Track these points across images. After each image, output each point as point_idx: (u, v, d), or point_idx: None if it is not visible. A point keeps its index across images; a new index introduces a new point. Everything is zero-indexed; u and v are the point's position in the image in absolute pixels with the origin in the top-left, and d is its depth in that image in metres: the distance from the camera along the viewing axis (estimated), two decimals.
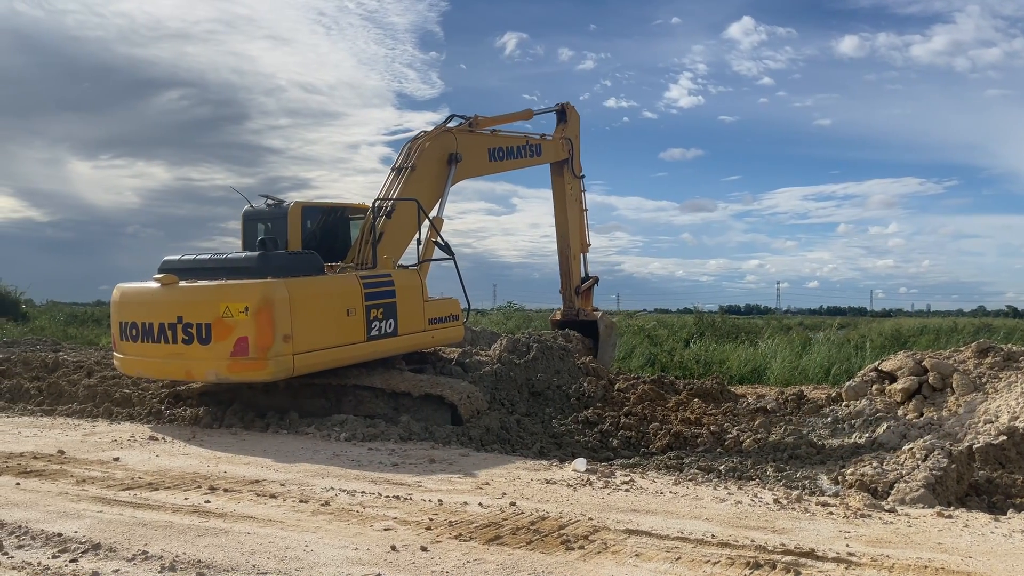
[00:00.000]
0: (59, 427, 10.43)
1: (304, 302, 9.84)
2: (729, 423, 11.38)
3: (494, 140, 14.64)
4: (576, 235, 16.95)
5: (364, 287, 10.60)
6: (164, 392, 12.08)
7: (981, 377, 10.88)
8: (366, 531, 5.74)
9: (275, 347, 9.53)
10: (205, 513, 6.21)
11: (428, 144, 13.11)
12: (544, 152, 15.99)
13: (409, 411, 10.44)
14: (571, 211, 16.83)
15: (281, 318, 9.55)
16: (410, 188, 12.56)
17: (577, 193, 16.99)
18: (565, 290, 16.93)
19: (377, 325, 10.67)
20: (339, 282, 10.59)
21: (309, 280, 10.19)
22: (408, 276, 11.57)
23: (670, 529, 5.80)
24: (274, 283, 9.70)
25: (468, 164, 13.78)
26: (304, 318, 9.79)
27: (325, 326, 10.09)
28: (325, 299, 10.21)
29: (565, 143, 16.50)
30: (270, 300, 9.54)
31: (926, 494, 6.96)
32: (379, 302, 10.74)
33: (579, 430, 10.95)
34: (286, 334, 9.57)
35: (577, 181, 16.92)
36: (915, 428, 9.65)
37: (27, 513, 6.16)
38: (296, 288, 9.81)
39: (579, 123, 17.08)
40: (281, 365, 9.62)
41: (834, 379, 16.97)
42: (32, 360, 14.99)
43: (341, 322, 10.25)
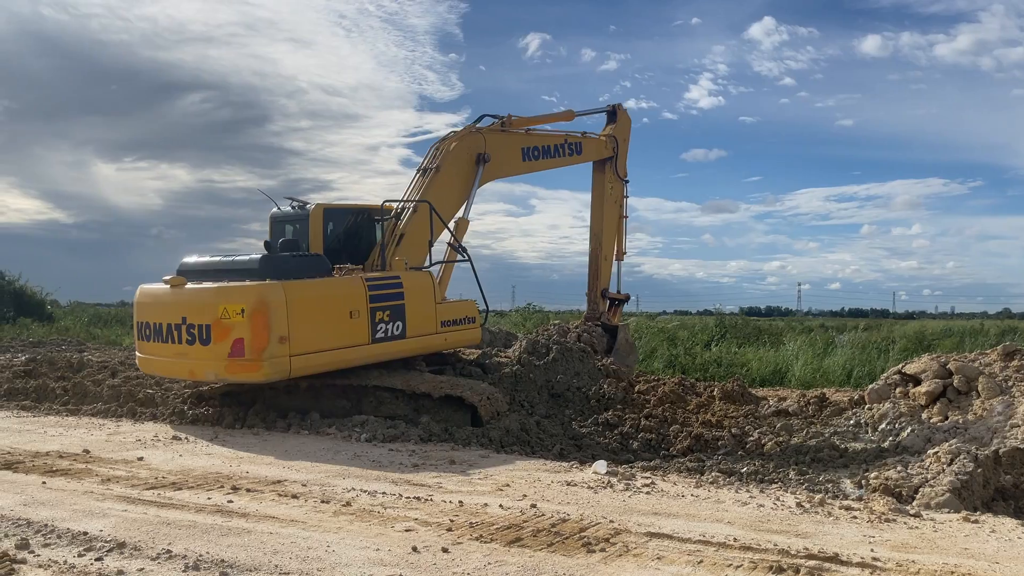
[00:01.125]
0: (84, 427, 10.55)
1: (302, 304, 9.92)
2: (750, 425, 11.30)
3: (528, 139, 14.37)
4: (610, 237, 16.48)
5: (369, 289, 10.61)
6: (187, 392, 12.19)
7: (1007, 380, 10.73)
8: (387, 532, 5.75)
9: (270, 348, 9.64)
10: (228, 513, 6.25)
11: (455, 144, 13.03)
12: (585, 151, 15.63)
13: (429, 412, 10.47)
14: (608, 212, 16.39)
15: (277, 320, 9.66)
16: (434, 189, 12.52)
17: (618, 196, 16.55)
18: (591, 291, 16.50)
19: (383, 327, 10.69)
20: (341, 284, 10.60)
21: (309, 282, 10.23)
22: (419, 278, 11.50)
23: (691, 532, 5.77)
24: (270, 285, 9.84)
25: (499, 164, 13.65)
26: (302, 320, 9.88)
27: (325, 328, 10.17)
28: (325, 301, 10.27)
29: (610, 141, 16.12)
30: (265, 302, 9.67)
31: (952, 499, 6.87)
32: (386, 304, 10.74)
33: (599, 432, 10.92)
34: (282, 336, 9.68)
35: (619, 184, 16.50)
36: (940, 432, 9.53)
37: (53, 512, 6.24)
38: (293, 290, 9.90)
39: (629, 126, 16.73)
40: (276, 367, 9.72)
41: (856, 382, 16.81)
42: (57, 360, 15.19)
43: (343, 324, 10.31)
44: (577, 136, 15.45)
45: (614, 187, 16.40)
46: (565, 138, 15.12)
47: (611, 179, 16.29)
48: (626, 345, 16.08)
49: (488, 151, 13.32)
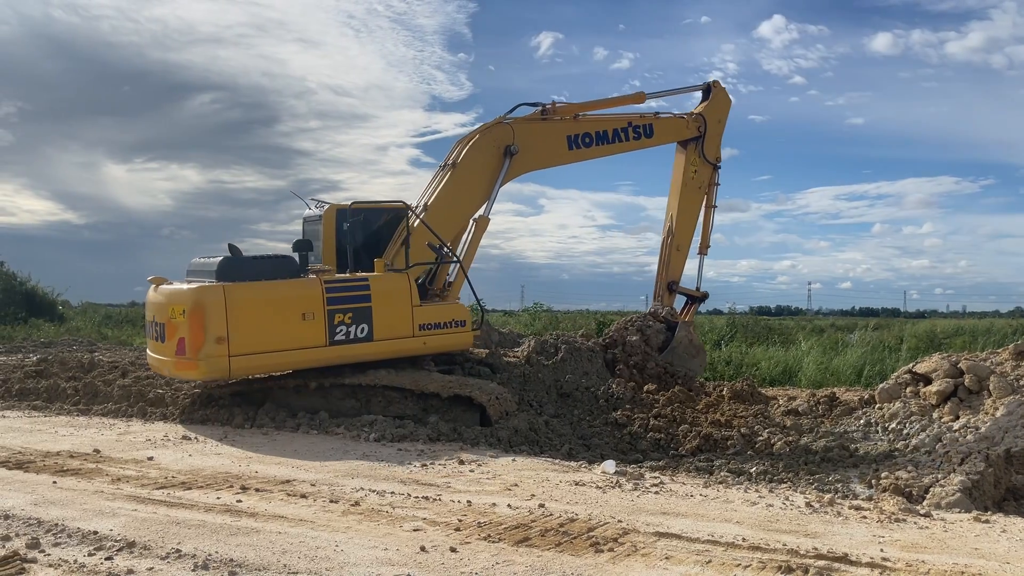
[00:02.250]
0: (95, 426, 10.61)
1: (243, 305, 10.07)
2: (760, 425, 11.27)
3: (576, 126, 13.41)
4: (687, 225, 14.95)
5: (326, 292, 10.62)
6: (197, 392, 12.24)
7: (1019, 379, 10.67)
8: (396, 531, 5.76)
9: (206, 348, 9.88)
10: (237, 512, 6.27)
11: (478, 138, 12.58)
12: (658, 133, 14.34)
13: (438, 412, 10.48)
14: (688, 197, 14.87)
15: (213, 321, 9.89)
16: (450, 187, 12.28)
17: (703, 181, 14.95)
18: (657, 283, 15.04)
19: (344, 330, 10.66)
20: (292, 286, 10.60)
21: (253, 284, 10.33)
22: (391, 280, 11.25)
23: (700, 532, 5.76)
24: (208, 287, 10.12)
25: (536, 155, 13.06)
26: (243, 321, 10.04)
27: (272, 329, 10.27)
28: (272, 303, 10.35)
29: (695, 120, 14.74)
30: (201, 303, 9.98)
31: (962, 499, 6.84)
32: (347, 307, 10.70)
33: (608, 432, 10.91)
34: (219, 336, 9.88)
35: (706, 168, 14.91)
36: (951, 431, 9.49)
37: (64, 511, 6.27)
38: (234, 292, 10.08)
39: (727, 106, 15.29)
40: (213, 366, 9.98)
41: (867, 381, 16.73)
42: (69, 360, 15.27)
43: (295, 326, 10.36)
44: (648, 117, 14.21)
45: (699, 171, 14.82)
46: (629, 121, 13.93)
47: (695, 161, 14.75)
48: (688, 345, 14.44)
49: (518, 142, 12.71)
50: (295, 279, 10.70)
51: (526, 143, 12.84)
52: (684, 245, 15.03)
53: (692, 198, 14.96)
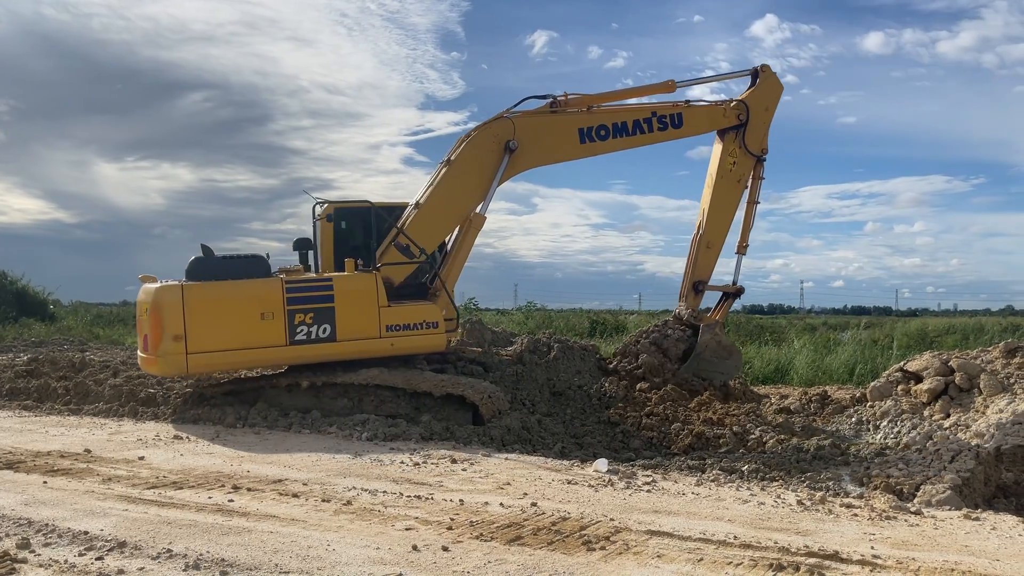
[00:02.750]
0: (86, 426, 10.57)
1: (201, 305, 10.41)
2: (752, 423, 11.29)
3: (589, 118, 12.57)
4: (720, 221, 13.57)
5: (287, 292, 10.75)
6: (188, 391, 12.21)
7: (1009, 378, 10.71)
8: (388, 531, 5.76)
9: (163, 346, 10.29)
10: (228, 512, 6.26)
11: (475, 134, 12.15)
12: (688, 123, 13.14)
13: (430, 411, 10.48)
14: (723, 189, 13.49)
15: (171, 319, 10.26)
16: (445, 185, 11.99)
17: (743, 173, 13.51)
18: (684, 283, 13.75)
19: (304, 329, 10.76)
20: (252, 286, 10.76)
21: (212, 284, 10.65)
22: (356, 280, 11.19)
23: (692, 530, 5.77)
24: (167, 287, 10.51)
25: (541, 150, 12.45)
26: (201, 320, 10.36)
27: (230, 329, 10.52)
28: (230, 303, 10.61)
29: (737, 107, 13.39)
30: (159, 303, 10.37)
31: (953, 496, 6.87)
32: (308, 307, 10.80)
33: (600, 430, 10.92)
34: (176, 334, 10.24)
35: (747, 159, 13.46)
36: (942, 429, 9.52)
37: (54, 511, 6.25)
38: (193, 291, 10.42)
39: (776, 93, 13.81)
40: (171, 363, 10.42)
41: (858, 379, 16.78)
42: (60, 360, 15.21)
43: (253, 325, 10.55)
44: (679, 106, 13.07)
45: (739, 162, 13.44)
46: (653, 111, 12.91)
47: (734, 152, 13.40)
48: (716, 348, 13.31)
49: (521, 138, 12.11)
50: (244, 280, 10.86)
51: (530, 138, 12.28)
52: (715, 242, 13.55)
53: (728, 191, 13.52)
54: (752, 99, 13.56)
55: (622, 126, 12.69)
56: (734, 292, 14.06)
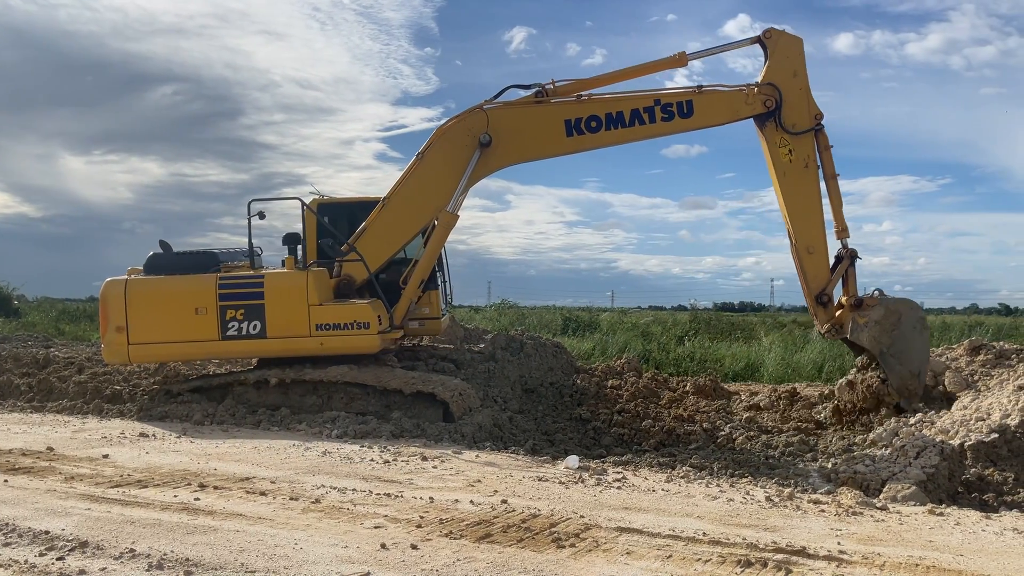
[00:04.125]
0: (49, 424, 10.37)
1: (141, 298, 11.06)
2: (722, 420, 11.37)
3: (579, 108, 11.20)
4: (809, 220, 11.27)
5: (220, 288, 10.99)
6: (155, 388, 12.04)
7: (973, 375, 10.89)
8: (356, 529, 5.70)
9: (108, 336, 11.11)
10: (194, 511, 6.17)
11: (448, 126, 11.35)
12: (700, 112, 11.24)
13: (401, 408, 10.42)
14: (795, 184, 11.28)
15: (114, 311, 11.04)
16: (414, 180, 11.38)
17: (807, 153, 11.20)
18: (807, 297, 11.34)
19: (236, 325, 10.97)
20: (187, 282, 11.15)
21: (153, 279, 11.26)
22: (286, 278, 11.08)
23: (661, 527, 5.78)
24: (112, 281, 11.19)
25: (522, 144, 11.40)
26: (141, 313, 11.02)
27: (167, 322, 11.04)
28: (169, 297, 11.14)
29: (762, 91, 11.11)
30: (105, 295, 11.19)
31: (918, 492, 6.96)
32: (239, 303, 10.96)
33: (572, 427, 10.94)
34: (119, 326, 10.99)
35: (802, 139, 11.16)
36: (907, 426, 9.65)
37: (14, 511, 6.11)
38: (135, 285, 11.12)
39: (799, 54, 11.26)
40: (115, 352, 11.16)
41: (827, 376, 16.97)
42: (23, 356, 14.91)
43: (189, 320, 10.99)
44: (688, 92, 11.25)
45: (794, 147, 11.18)
46: (656, 98, 11.22)
47: (784, 140, 11.18)
48: (882, 330, 10.75)
49: (498, 131, 11.14)
50: (180, 276, 11.24)
51: (508, 131, 11.23)
52: (816, 245, 11.28)
53: (801, 184, 11.32)
54: (774, 74, 11.19)
55: (618, 116, 11.13)
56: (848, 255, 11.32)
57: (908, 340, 10.70)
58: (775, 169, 11.36)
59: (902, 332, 10.72)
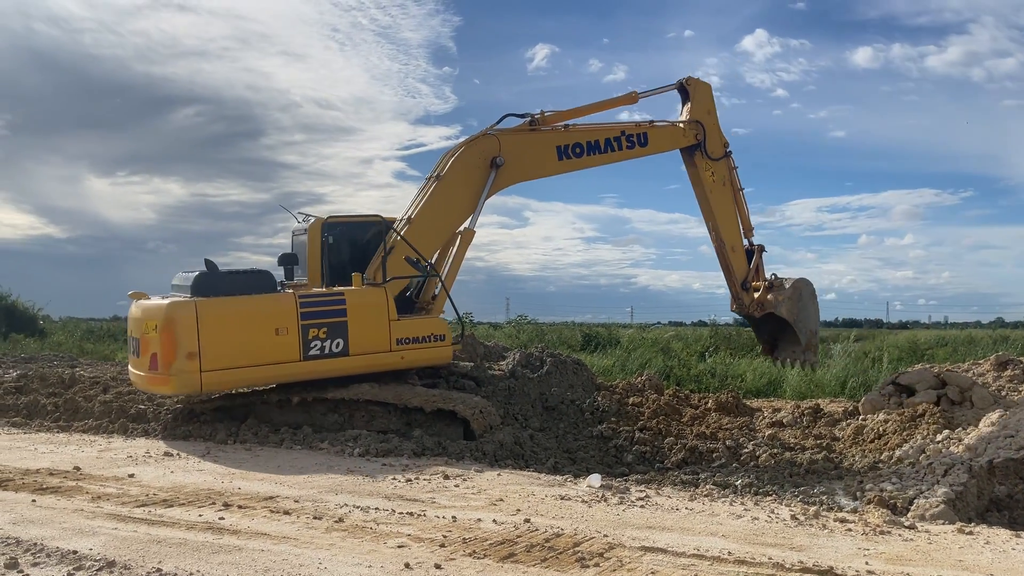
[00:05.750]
0: (75, 443, 10.48)
1: (215, 321, 10.12)
2: (745, 437, 11.28)
3: (566, 136, 13.29)
4: (732, 226, 15.19)
5: (301, 307, 10.64)
6: (179, 407, 12.12)
7: (1001, 390, 10.76)
8: (380, 548, 5.71)
9: (177, 364, 9.95)
10: (219, 530, 6.20)
11: (463, 150, 12.48)
12: (653, 142, 14.16)
13: (422, 426, 10.43)
14: (719, 199, 14.92)
15: (185, 336, 9.94)
16: (435, 199, 12.20)
17: (723, 174, 15.06)
18: (731, 287, 15.65)
19: (318, 344, 10.66)
20: (265, 302, 10.62)
21: (226, 300, 10.41)
22: (367, 294, 11.21)
23: (686, 546, 5.74)
24: (180, 303, 10.16)
25: (523, 166, 12.90)
26: (215, 337, 10.08)
27: (245, 345, 10.29)
28: (246, 318, 10.42)
29: (691, 127, 14.63)
30: (172, 319, 10.03)
31: (946, 510, 6.87)
32: (321, 321, 10.69)
33: (593, 445, 10.89)
34: (190, 351, 9.92)
35: (720, 163, 14.95)
36: (934, 442, 9.54)
37: (43, 530, 6.18)
38: (206, 307, 10.12)
39: (710, 97, 15.12)
40: (185, 381, 10.07)
41: (851, 392, 16.78)
42: (49, 376, 15.09)
43: (268, 341, 10.38)
44: (644, 126, 14.15)
45: (715, 170, 14.86)
46: (622, 130, 13.85)
47: (706, 165, 14.81)
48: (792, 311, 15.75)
49: (505, 154, 12.58)
50: (269, 294, 10.69)
51: (513, 155, 12.68)
52: (738, 244, 15.29)
53: (725, 198, 15.01)
54: (696, 113, 14.84)
55: (595, 144, 13.42)
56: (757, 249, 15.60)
57: (808, 308, 15.69)
58: (704, 188, 14.77)
59: (803, 302, 15.65)
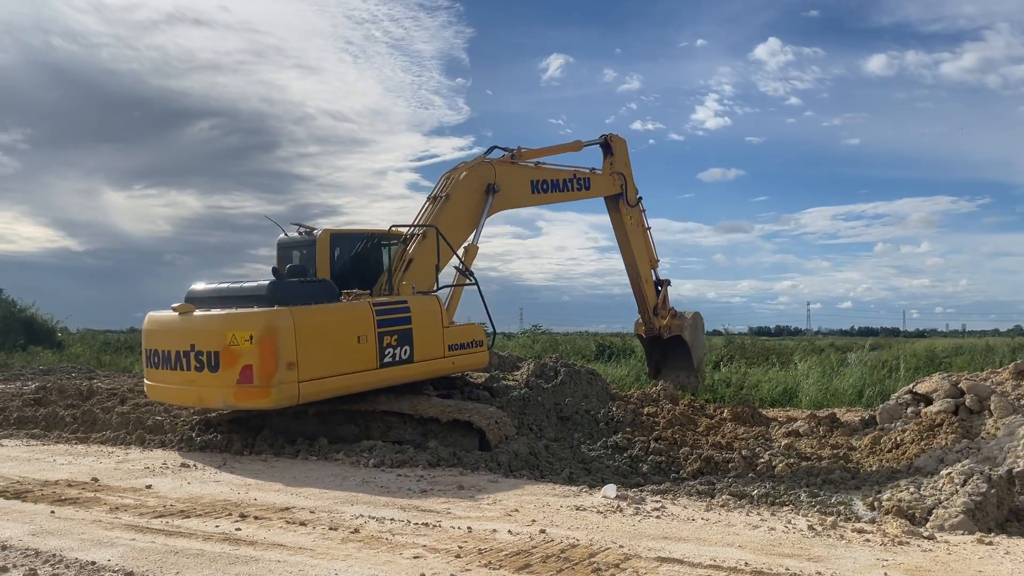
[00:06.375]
0: (93, 454, 10.56)
1: (310, 330, 9.93)
2: (761, 447, 11.23)
3: (538, 173, 14.65)
4: (643, 260, 17.15)
5: (376, 314, 10.66)
6: (195, 419, 12.19)
7: (1020, 399, 10.66)
8: (395, 559, 5.72)
9: (279, 375, 9.66)
10: (236, 541, 6.23)
11: (465, 174, 13.19)
12: (594, 187, 15.95)
13: (437, 437, 10.44)
14: (634, 239, 16.89)
15: (285, 346, 9.68)
16: (444, 217, 12.63)
17: (637, 217, 17.04)
18: (644, 313, 17.50)
19: (391, 352, 10.72)
20: (349, 309, 10.61)
21: (316, 308, 10.26)
22: (426, 302, 11.53)
23: (702, 557, 5.72)
24: (278, 312, 9.86)
25: (508, 195, 13.82)
26: (310, 346, 9.88)
27: (333, 353, 10.17)
28: (333, 326, 10.29)
29: (616, 177, 16.48)
30: (273, 328, 9.70)
31: (966, 520, 6.80)
32: (393, 329, 10.78)
33: (608, 455, 10.86)
34: (290, 362, 9.70)
35: (635, 208, 16.94)
36: (952, 452, 9.45)
37: (61, 541, 6.23)
38: (301, 316, 9.93)
39: (627, 151, 16.95)
40: (285, 392, 9.74)
41: (867, 401, 16.69)
42: (67, 388, 15.23)
43: (351, 349, 10.33)
44: (586, 172, 15.81)
45: (631, 215, 16.77)
46: (574, 174, 15.44)
47: (626, 211, 16.66)
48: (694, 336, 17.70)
49: (498, 182, 13.49)
50: (341, 303, 10.74)
51: (504, 183, 13.63)
52: (649, 276, 17.48)
53: (639, 239, 17.12)
54: (618, 166, 16.65)
55: (557, 182, 15.04)
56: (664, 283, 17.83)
57: (700, 337, 18.25)
58: (625, 231, 16.76)
59: (698, 332, 17.98)
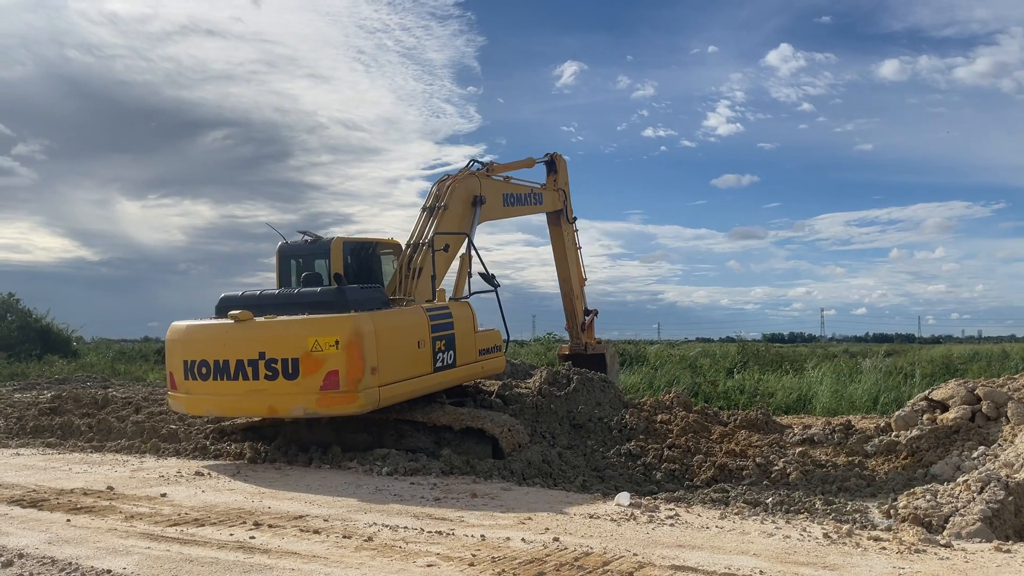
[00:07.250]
0: (108, 463, 10.62)
1: (386, 335, 10.00)
2: (775, 454, 11.16)
3: (508, 187, 15.25)
4: (576, 276, 17.86)
5: (430, 320, 10.84)
6: (209, 428, 12.25)
7: None
8: (409, 567, 5.72)
9: (365, 380, 9.64)
10: (250, 549, 6.25)
11: (457, 185, 13.38)
12: (544, 202, 16.70)
13: (450, 445, 10.44)
14: (570, 255, 17.65)
15: (370, 351, 9.69)
16: (443, 226, 12.72)
17: (572, 235, 17.79)
18: (571, 327, 17.99)
19: (441, 356, 10.91)
20: (411, 315, 10.77)
21: (388, 313, 10.47)
22: (463, 308, 11.82)
23: (717, 565, 5.69)
24: (362, 316, 9.84)
25: (488, 207, 14.10)
26: (386, 351, 9.93)
27: (402, 358, 10.28)
28: (402, 332, 10.44)
29: (559, 194, 17.15)
30: (359, 333, 9.65)
31: (983, 528, 6.74)
32: (441, 334, 10.98)
33: (622, 463, 10.83)
34: (374, 367, 9.72)
35: (571, 226, 17.67)
36: (969, 459, 9.38)
37: (77, 550, 6.26)
38: (379, 321, 10.02)
39: (567, 171, 17.63)
40: (370, 397, 9.72)
41: (883, 408, 16.57)
42: (83, 397, 15.33)
43: (413, 354, 10.48)
44: (539, 188, 16.64)
45: (567, 232, 17.52)
46: (531, 189, 16.20)
47: (565, 227, 17.43)
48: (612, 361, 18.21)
49: (483, 193, 13.87)
50: (403, 308, 10.93)
51: (487, 195, 13.97)
52: (580, 293, 17.98)
53: (574, 256, 17.79)
54: (561, 183, 17.35)
55: (520, 196, 15.70)
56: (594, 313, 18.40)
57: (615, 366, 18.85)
58: (564, 248, 17.42)
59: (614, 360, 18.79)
